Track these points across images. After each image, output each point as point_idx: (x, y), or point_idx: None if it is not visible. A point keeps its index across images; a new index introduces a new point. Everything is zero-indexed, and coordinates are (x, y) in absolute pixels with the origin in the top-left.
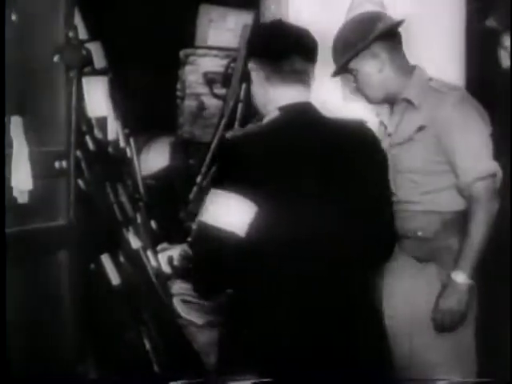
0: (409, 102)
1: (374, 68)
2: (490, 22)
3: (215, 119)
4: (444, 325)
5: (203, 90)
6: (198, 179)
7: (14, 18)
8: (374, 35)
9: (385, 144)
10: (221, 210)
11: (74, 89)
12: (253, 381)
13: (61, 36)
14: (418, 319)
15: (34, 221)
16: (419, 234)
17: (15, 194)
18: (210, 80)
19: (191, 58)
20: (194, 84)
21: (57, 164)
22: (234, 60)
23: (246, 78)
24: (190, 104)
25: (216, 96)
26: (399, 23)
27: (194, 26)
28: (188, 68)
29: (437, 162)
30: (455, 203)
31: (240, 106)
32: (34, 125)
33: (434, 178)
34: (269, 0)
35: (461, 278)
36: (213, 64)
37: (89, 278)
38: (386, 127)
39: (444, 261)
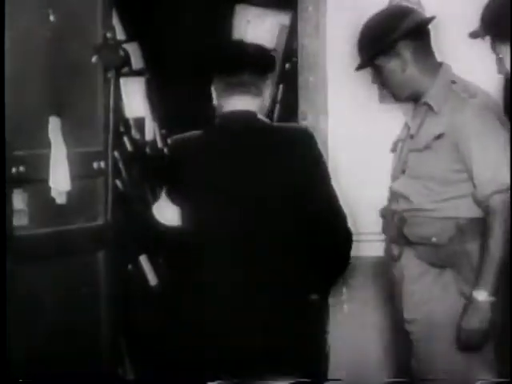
0: (429, 106)
1: (397, 67)
2: (477, 30)
3: None
4: (469, 345)
5: None
6: None
7: (52, 18)
8: (399, 33)
9: (406, 147)
10: (159, 204)
11: (111, 89)
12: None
13: (99, 37)
14: (436, 325)
15: (72, 221)
16: (433, 240)
17: (53, 194)
18: None
19: None
20: None
21: (95, 165)
22: None
23: (283, 78)
24: None
25: None
26: (427, 21)
27: (231, 26)
28: None
29: (455, 171)
30: (472, 210)
31: (277, 106)
32: (72, 125)
33: (452, 186)
34: (306, 1)
35: (482, 295)
36: None
37: (126, 279)
38: (409, 128)
39: (461, 267)
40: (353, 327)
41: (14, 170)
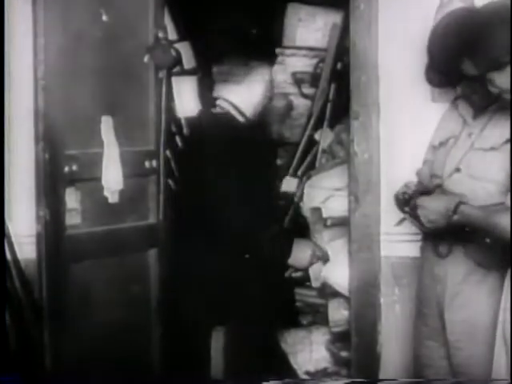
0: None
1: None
2: (466, 66)
3: (303, 119)
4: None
5: (292, 89)
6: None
7: (104, 18)
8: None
9: (461, 144)
10: None
11: (163, 89)
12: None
13: (150, 36)
14: (479, 326)
15: (124, 220)
16: (487, 240)
17: (106, 193)
18: (298, 80)
19: (279, 58)
20: (283, 84)
21: (147, 164)
22: (323, 60)
23: (335, 77)
24: (278, 104)
25: (304, 96)
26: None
27: (283, 25)
28: (276, 68)
29: None
30: None
31: (329, 105)
32: (124, 125)
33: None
34: None
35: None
36: (301, 64)
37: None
38: (465, 121)
39: (508, 270)
40: (404, 327)
41: (66, 168)
